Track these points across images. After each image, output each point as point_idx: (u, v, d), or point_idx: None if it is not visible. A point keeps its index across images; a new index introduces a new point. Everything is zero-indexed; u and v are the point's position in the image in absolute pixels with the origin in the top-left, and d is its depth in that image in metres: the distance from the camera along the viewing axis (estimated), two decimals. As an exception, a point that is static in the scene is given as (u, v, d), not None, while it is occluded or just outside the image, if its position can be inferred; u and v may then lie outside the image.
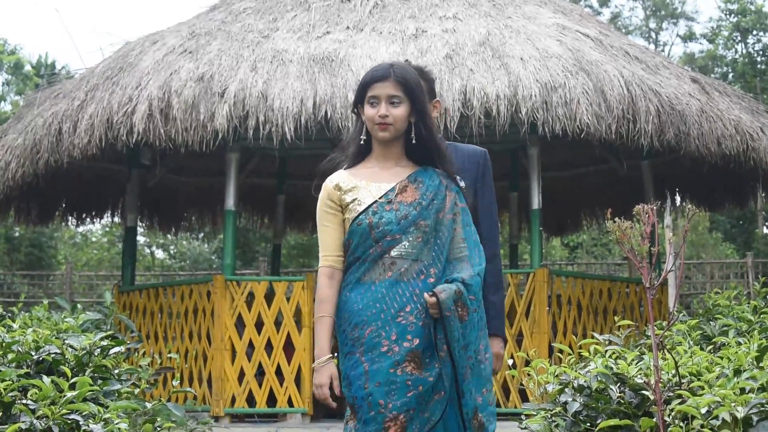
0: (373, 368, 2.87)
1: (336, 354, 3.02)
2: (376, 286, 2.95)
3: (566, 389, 4.23)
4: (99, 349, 4.96)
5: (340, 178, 3.11)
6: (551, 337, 8.28)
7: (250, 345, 8.21)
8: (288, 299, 8.25)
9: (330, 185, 3.10)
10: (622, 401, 4.00)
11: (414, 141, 3.08)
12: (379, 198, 3.04)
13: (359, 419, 2.87)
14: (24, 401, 3.93)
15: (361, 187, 3.07)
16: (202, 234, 18.24)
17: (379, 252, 2.97)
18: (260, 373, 8.23)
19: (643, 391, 3.97)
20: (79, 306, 6.79)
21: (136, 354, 7.21)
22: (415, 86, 3.09)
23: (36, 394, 3.99)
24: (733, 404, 3.47)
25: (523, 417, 4.35)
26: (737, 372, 3.90)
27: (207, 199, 12.09)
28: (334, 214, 3.08)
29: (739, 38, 23.16)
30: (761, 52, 22.80)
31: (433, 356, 2.88)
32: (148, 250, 24.29)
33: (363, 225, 3.00)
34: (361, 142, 3.12)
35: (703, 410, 3.51)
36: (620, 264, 17.60)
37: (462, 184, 3.54)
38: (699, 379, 3.88)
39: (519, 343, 8.30)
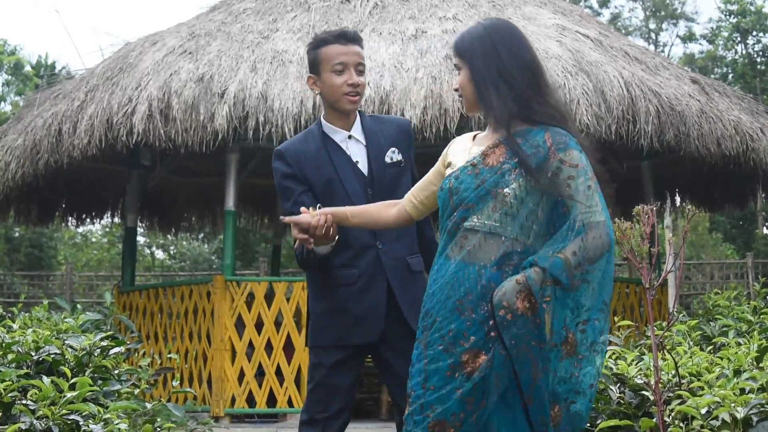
0: (432, 368, 2.64)
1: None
2: (449, 264, 2.68)
3: (566, 390, 4.22)
4: (99, 350, 4.96)
5: (463, 137, 2.94)
6: (551, 338, 8.26)
7: (250, 345, 8.21)
8: (288, 299, 8.25)
9: (453, 141, 2.96)
10: (622, 401, 4.00)
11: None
12: (468, 161, 2.75)
13: (409, 414, 2.68)
14: (24, 401, 3.93)
15: (466, 149, 2.83)
16: (202, 234, 18.26)
17: (455, 221, 2.69)
18: (260, 374, 8.22)
19: (643, 392, 3.97)
20: (79, 306, 6.80)
21: (136, 354, 7.21)
22: (470, 47, 2.83)
23: (36, 394, 3.99)
24: (732, 405, 3.47)
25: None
26: (737, 372, 3.91)
27: (207, 200, 12.09)
28: (437, 164, 2.95)
29: (738, 39, 23.17)
30: (761, 53, 22.81)
31: (497, 359, 2.58)
32: (148, 251, 24.30)
33: (444, 190, 2.76)
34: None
35: (703, 411, 3.52)
36: (620, 264, 17.58)
37: (399, 156, 3.52)
38: (699, 380, 3.89)
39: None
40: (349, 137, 3.52)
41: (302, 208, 3.15)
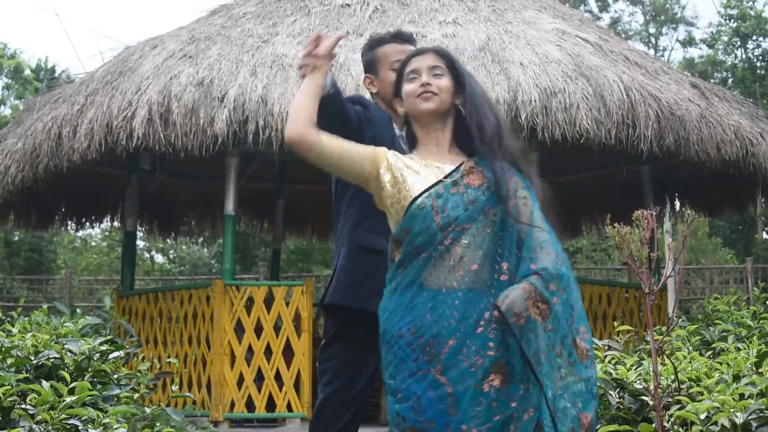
0: (459, 390, 2.52)
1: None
2: (449, 291, 2.60)
3: (565, 394, 4.22)
4: (98, 354, 4.96)
5: (400, 155, 2.82)
6: (551, 342, 8.25)
7: (250, 350, 8.20)
8: (287, 304, 8.24)
9: (390, 151, 2.81)
10: (622, 407, 4.00)
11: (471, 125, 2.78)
12: (444, 178, 2.68)
13: None
14: (23, 406, 3.93)
15: (421, 164, 2.74)
16: (201, 238, 18.26)
17: (447, 244, 2.61)
18: (259, 378, 8.22)
19: (643, 397, 3.97)
20: (78, 310, 6.81)
21: (136, 359, 7.20)
22: (461, 66, 2.87)
23: (35, 398, 3.99)
24: (732, 410, 3.47)
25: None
26: (736, 377, 3.90)
27: (206, 204, 12.09)
28: (368, 148, 2.79)
29: (738, 43, 23.19)
30: (761, 57, 22.82)
31: (518, 368, 2.56)
32: (147, 255, 24.28)
33: (426, 209, 2.63)
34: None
35: (702, 416, 3.52)
36: (620, 269, 17.60)
37: None
38: (698, 385, 3.88)
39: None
40: (398, 135, 3.57)
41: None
